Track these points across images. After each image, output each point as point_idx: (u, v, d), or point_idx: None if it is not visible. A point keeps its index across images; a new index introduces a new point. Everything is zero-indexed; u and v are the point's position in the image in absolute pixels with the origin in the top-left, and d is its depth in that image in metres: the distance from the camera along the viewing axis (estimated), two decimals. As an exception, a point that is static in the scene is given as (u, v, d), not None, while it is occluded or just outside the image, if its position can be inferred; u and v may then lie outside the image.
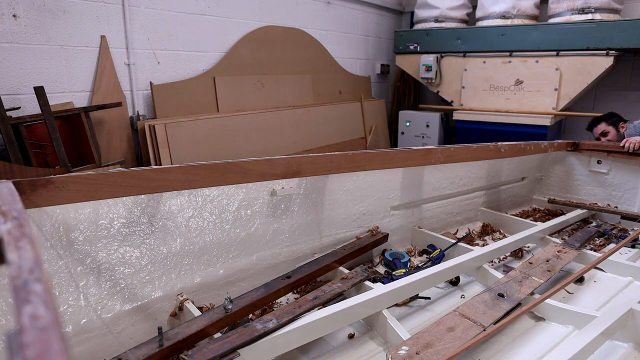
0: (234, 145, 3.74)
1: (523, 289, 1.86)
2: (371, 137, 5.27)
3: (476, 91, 4.78)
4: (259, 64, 4.25)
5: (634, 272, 2.19)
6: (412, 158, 2.37)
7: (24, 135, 2.66)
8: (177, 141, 3.34)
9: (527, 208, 3.36)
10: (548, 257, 2.21)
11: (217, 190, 1.88)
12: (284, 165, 1.88)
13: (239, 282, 1.90)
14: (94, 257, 1.55)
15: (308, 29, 4.75)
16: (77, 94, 3.11)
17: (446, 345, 1.46)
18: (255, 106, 4.17)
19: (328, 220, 2.21)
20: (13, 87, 2.79)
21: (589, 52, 4.13)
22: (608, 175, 3.20)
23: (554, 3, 4.42)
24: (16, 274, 0.53)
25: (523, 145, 2.96)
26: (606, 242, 2.65)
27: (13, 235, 0.65)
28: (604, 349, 1.60)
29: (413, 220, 2.60)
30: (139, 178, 1.51)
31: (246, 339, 1.39)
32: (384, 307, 1.72)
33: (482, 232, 2.82)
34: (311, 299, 1.67)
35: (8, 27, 2.70)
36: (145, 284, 1.65)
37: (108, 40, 3.19)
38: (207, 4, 3.78)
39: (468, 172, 2.85)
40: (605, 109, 4.79)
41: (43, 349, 0.41)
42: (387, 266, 2.28)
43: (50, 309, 0.46)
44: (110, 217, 1.60)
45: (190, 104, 3.68)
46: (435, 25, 5.06)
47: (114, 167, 3.01)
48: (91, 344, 1.47)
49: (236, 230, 1.90)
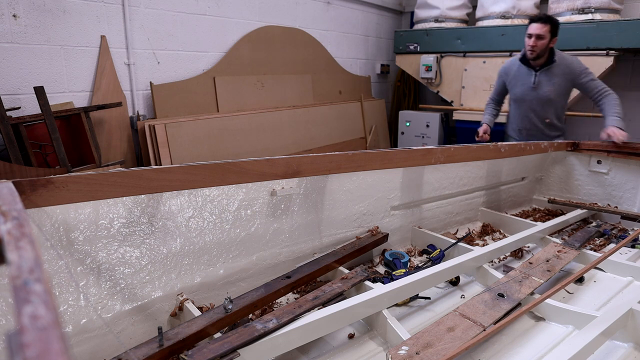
0: (234, 145, 3.74)
1: (523, 289, 1.86)
2: (371, 137, 5.27)
3: (476, 91, 4.79)
4: (259, 64, 4.25)
5: (634, 272, 2.19)
6: (412, 158, 2.37)
7: (24, 135, 2.66)
8: (177, 141, 3.34)
9: (527, 208, 3.36)
10: (548, 257, 2.21)
11: (217, 190, 1.88)
12: (284, 165, 1.88)
13: (239, 282, 1.90)
14: (94, 257, 1.55)
15: (308, 29, 4.75)
16: (77, 94, 3.11)
17: (446, 345, 1.46)
18: (255, 106, 4.17)
19: (328, 220, 2.21)
20: (13, 87, 2.79)
21: (589, 52, 4.13)
22: (608, 175, 3.20)
23: (554, 3, 4.42)
24: (16, 273, 0.53)
25: (523, 145, 2.96)
26: (606, 242, 2.65)
27: (13, 235, 0.65)
28: (604, 349, 1.60)
29: (413, 220, 2.60)
30: (139, 178, 1.51)
31: (246, 339, 1.39)
32: (384, 307, 1.72)
33: (482, 232, 2.82)
34: (311, 299, 1.67)
35: (8, 27, 2.70)
36: (145, 284, 1.65)
37: (108, 40, 3.19)
38: (207, 4, 3.78)
39: (468, 172, 2.85)
40: (605, 109, 4.79)
41: (43, 349, 0.41)
42: (387, 266, 2.28)
43: (51, 309, 0.46)
44: (110, 217, 1.60)
45: (190, 104, 3.68)
46: (435, 25, 5.06)
47: (114, 167, 3.01)
48: (91, 344, 1.47)
49: (236, 230, 1.90)
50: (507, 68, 3.53)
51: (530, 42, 3.18)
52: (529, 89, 3.36)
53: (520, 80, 3.41)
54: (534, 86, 3.32)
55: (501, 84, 3.61)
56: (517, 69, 3.42)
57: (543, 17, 3.17)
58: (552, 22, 3.14)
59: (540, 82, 3.31)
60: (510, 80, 3.49)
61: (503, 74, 3.56)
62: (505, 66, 3.57)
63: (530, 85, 3.34)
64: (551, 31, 3.14)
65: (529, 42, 3.18)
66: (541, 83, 3.31)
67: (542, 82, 3.31)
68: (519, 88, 3.42)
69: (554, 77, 3.29)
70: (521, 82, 3.41)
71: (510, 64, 3.53)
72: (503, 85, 3.59)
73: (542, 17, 3.17)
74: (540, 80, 3.31)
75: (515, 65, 3.44)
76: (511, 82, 3.48)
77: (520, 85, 3.41)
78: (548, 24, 3.13)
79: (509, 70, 3.50)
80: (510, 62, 3.54)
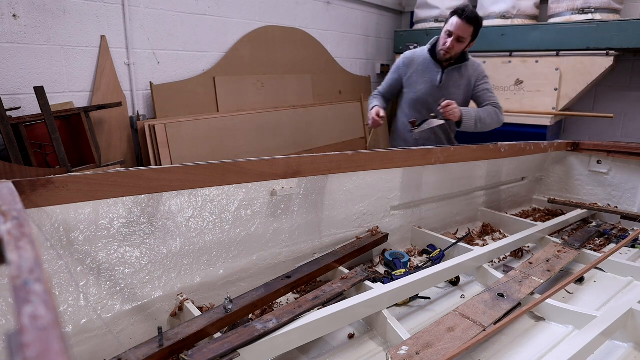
0: (234, 145, 3.74)
1: (523, 289, 1.86)
2: (371, 137, 5.27)
3: (476, 91, 4.78)
4: (259, 64, 4.25)
5: (634, 272, 2.20)
6: (412, 158, 2.37)
7: (24, 135, 2.66)
8: (177, 141, 3.34)
9: (527, 208, 3.36)
10: (548, 257, 2.21)
11: (217, 190, 1.88)
12: (284, 165, 1.88)
13: (239, 282, 1.90)
14: (94, 257, 1.55)
15: (308, 29, 4.75)
16: (77, 94, 3.11)
17: (446, 345, 1.47)
18: (255, 106, 4.17)
19: (328, 220, 2.21)
20: (13, 87, 2.79)
21: (589, 52, 4.13)
22: (608, 175, 3.20)
23: (554, 3, 4.42)
24: (16, 274, 0.53)
25: (523, 145, 2.96)
26: (606, 242, 2.65)
27: (13, 235, 0.65)
28: (604, 349, 1.60)
29: (413, 220, 2.60)
30: (139, 178, 1.51)
31: (246, 339, 1.39)
32: (384, 307, 1.72)
33: (482, 232, 2.82)
34: (311, 299, 1.67)
35: (8, 27, 2.70)
36: (145, 284, 1.65)
37: (108, 40, 3.19)
38: (207, 4, 3.78)
39: (468, 172, 2.85)
40: (606, 109, 4.80)
41: (43, 349, 0.41)
42: (387, 266, 2.28)
43: (51, 309, 0.46)
44: (110, 217, 1.60)
45: (190, 104, 3.68)
46: (435, 25, 5.06)
47: (114, 167, 3.01)
48: (91, 344, 1.47)
49: (236, 230, 1.91)
50: (410, 59, 2.87)
51: (447, 42, 2.62)
52: (434, 87, 2.79)
53: (425, 75, 2.81)
54: (440, 85, 2.77)
55: (396, 78, 2.94)
56: (422, 61, 2.82)
57: (471, 16, 2.56)
58: (477, 24, 2.61)
59: (447, 81, 2.77)
60: (411, 74, 2.85)
61: (402, 66, 2.89)
62: (407, 56, 2.90)
63: (435, 83, 2.78)
64: (473, 34, 2.64)
65: (447, 40, 2.63)
66: (448, 83, 2.78)
67: (449, 83, 2.78)
68: (422, 85, 2.81)
69: (462, 79, 2.80)
70: (425, 79, 2.81)
71: (413, 55, 2.87)
72: (399, 81, 2.93)
73: (470, 16, 2.56)
74: (447, 80, 2.77)
75: (421, 57, 2.83)
76: (412, 77, 2.85)
77: (423, 83, 2.81)
78: (472, 26, 2.58)
79: (411, 62, 2.86)
80: (413, 53, 2.89)
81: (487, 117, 2.69)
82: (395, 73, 2.94)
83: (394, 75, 2.94)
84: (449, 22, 2.62)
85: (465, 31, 2.58)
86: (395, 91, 2.98)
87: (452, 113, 2.55)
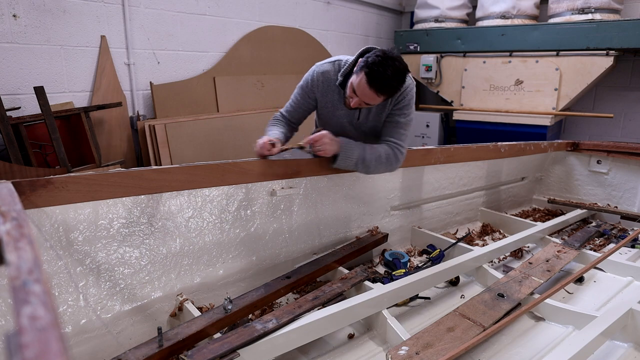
0: (234, 145, 3.74)
1: (523, 289, 1.86)
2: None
3: (476, 91, 4.78)
4: (259, 64, 4.25)
5: (634, 272, 2.19)
6: (411, 158, 2.37)
7: (24, 135, 2.66)
8: (177, 141, 3.34)
9: (527, 208, 3.36)
10: (548, 257, 2.21)
11: (217, 190, 1.88)
12: (284, 165, 1.88)
13: (239, 282, 1.90)
14: (93, 258, 1.55)
15: (308, 29, 4.75)
16: (77, 94, 3.11)
17: (446, 345, 1.46)
18: (255, 106, 4.17)
19: (328, 220, 2.21)
20: (13, 87, 2.79)
21: (589, 52, 4.13)
22: (608, 175, 3.20)
23: (554, 3, 4.42)
24: (15, 274, 0.53)
25: (523, 145, 2.96)
26: (606, 242, 2.65)
27: (12, 236, 0.65)
28: (603, 349, 1.60)
29: (413, 220, 2.60)
30: (139, 178, 1.51)
31: (246, 339, 1.39)
32: (383, 307, 1.72)
33: (482, 232, 2.82)
34: (311, 299, 1.67)
35: (8, 27, 2.70)
36: (145, 284, 1.65)
37: (108, 40, 3.19)
38: (207, 4, 3.78)
39: (468, 172, 2.85)
40: (605, 109, 4.81)
41: (42, 350, 0.41)
42: (387, 266, 2.28)
43: (50, 310, 0.46)
44: (110, 217, 1.60)
45: (190, 104, 3.68)
46: (435, 25, 5.06)
47: (114, 167, 3.01)
48: (91, 345, 1.47)
49: (236, 231, 1.90)
50: (319, 82, 2.09)
51: (353, 99, 1.88)
52: (351, 123, 2.12)
53: (338, 106, 2.09)
54: (358, 121, 2.10)
55: (306, 100, 2.16)
56: (335, 88, 2.06)
57: (387, 88, 1.80)
58: (392, 91, 1.84)
59: (364, 113, 2.08)
60: (324, 100, 2.12)
61: (312, 86, 2.11)
62: (316, 76, 2.09)
63: (352, 118, 2.10)
64: (389, 98, 1.95)
65: (353, 97, 1.88)
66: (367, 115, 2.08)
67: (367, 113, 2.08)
68: (336, 120, 2.13)
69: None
70: (338, 112, 2.10)
71: (325, 77, 2.08)
72: (309, 104, 2.17)
73: (386, 88, 1.79)
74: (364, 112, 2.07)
75: (333, 80, 2.06)
76: (325, 105, 2.12)
77: (338, 118, 2.12)
78: (384, 97, 1.83)
79: (321, 84, 2.09)
80: (325, 74, 2.08)
81: (373, 161, 1.95)
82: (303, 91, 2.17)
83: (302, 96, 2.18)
84: (357, 75, 1.84)
85: (373, 99, 1.84)
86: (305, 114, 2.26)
87: (322, 150, 1.88)
